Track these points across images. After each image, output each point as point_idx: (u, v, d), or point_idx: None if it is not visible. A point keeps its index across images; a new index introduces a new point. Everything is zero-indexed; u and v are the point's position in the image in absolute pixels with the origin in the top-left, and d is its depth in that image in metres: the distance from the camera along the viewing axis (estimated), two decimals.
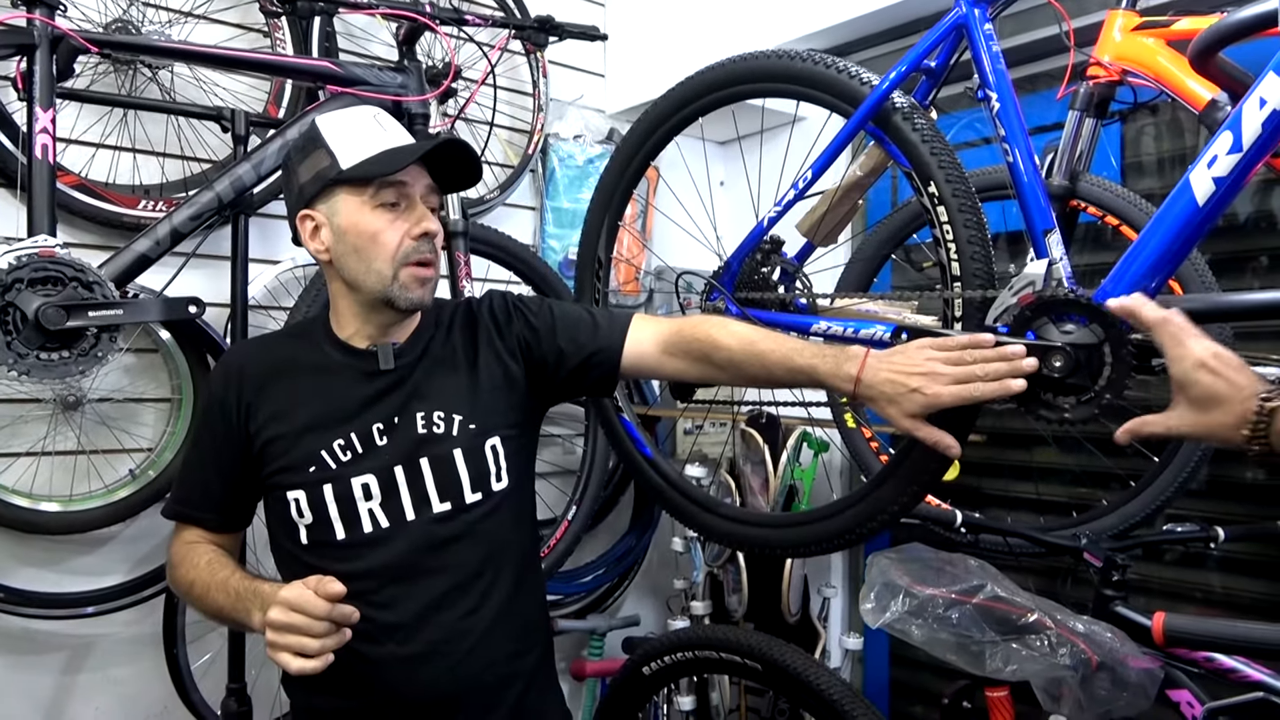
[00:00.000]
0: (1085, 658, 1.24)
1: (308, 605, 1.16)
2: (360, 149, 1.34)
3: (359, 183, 1.34)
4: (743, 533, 1.65)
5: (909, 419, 1.21)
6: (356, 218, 1.35)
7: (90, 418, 2.14)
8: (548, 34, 2.23)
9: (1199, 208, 1.16)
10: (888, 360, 1.23)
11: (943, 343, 1.23)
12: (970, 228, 1.37)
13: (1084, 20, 1.96)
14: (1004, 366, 1.18)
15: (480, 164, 1.45)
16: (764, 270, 1.66)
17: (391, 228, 1.35)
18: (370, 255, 1.35)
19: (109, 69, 2.14)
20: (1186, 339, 1.07)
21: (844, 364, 1.26)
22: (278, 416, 1.39)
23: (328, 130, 1.37)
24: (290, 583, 1.21)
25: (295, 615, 1.17)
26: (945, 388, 1.18)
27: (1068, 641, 1.25)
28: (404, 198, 1.36)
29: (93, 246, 2.08)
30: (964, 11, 1.41)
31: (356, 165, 1.34)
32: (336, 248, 1.37)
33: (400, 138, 1.39)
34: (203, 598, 1.37)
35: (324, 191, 1.36)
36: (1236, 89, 1.55)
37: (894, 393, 1.21)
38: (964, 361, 1.19)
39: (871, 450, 2.17)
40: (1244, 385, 1.03)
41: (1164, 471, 1.88)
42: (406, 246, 1.35)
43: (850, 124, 1.46)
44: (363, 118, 1.40)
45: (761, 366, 1.35)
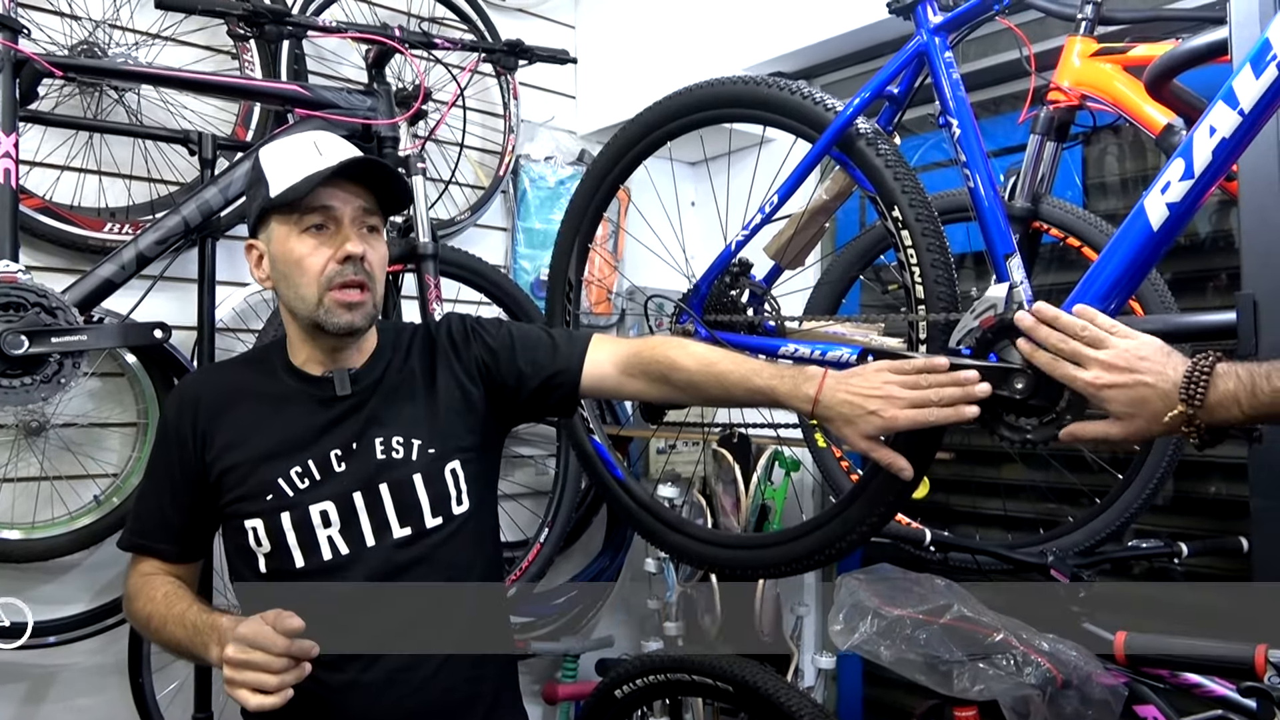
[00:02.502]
0: (1051, 675, 1.25)
1: (265, 641, 1.16)
2: (289, 175, 1.33)
3: (286, 209, 1.34)
4: (714, 554, 1.65)
5: (865, 440, 1.23)
6: (285, 243, 1.35)
7: (54, 443, 2.10)
8: (517, 58, 2.24)
9: (1153, 232, 1.18)
10: (845, 382, 1.25)
11: (899, 365, 1.25)
12: (933, 251, 1.38)
13: (1044, 45, 1.99)
14: (957, 392, 1.20)
15: (401, 180, 1.42)
16: (732, 293, 1.68)
17: (315, 253, 1.34)
18: (296, 281, 1.35)
19: (74, 91, 2.12)
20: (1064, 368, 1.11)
21: (802, 385, 1.28)
22: (234, 445, 1.38)
23: (266, 159, 1.38)
24: (248, 618, 1.20)
25: (253, 652, 1.16)
26: (901, 410, 1.19)
27: (1033, 660, 1.26)
28: (331, 221, 1.34)
29: (58, 270, 2.05)
30: (924, 40, 1.44)
31: (281, 192, 1.33)
32: (274, 275, 1.38)
33: (335, 161, 1.35)
34: (160, 631, 1.35)
35: (260, 220, 1.38)
36: (1191, 114, 1.59)
37: (851, 414, 1.23)
38: (919, 385, 1.21)
39: (842, 470, 2.19)
40: (1157, 383, 1.04)
41: (1128, 488, 1.90)
42: (330, 270, 1.33)
43: (815, 149, 1.47)
44: (300, 144, 1.38)
45: (720, 387, 1.36)
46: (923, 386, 1.21)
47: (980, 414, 1.24)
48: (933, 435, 1.32)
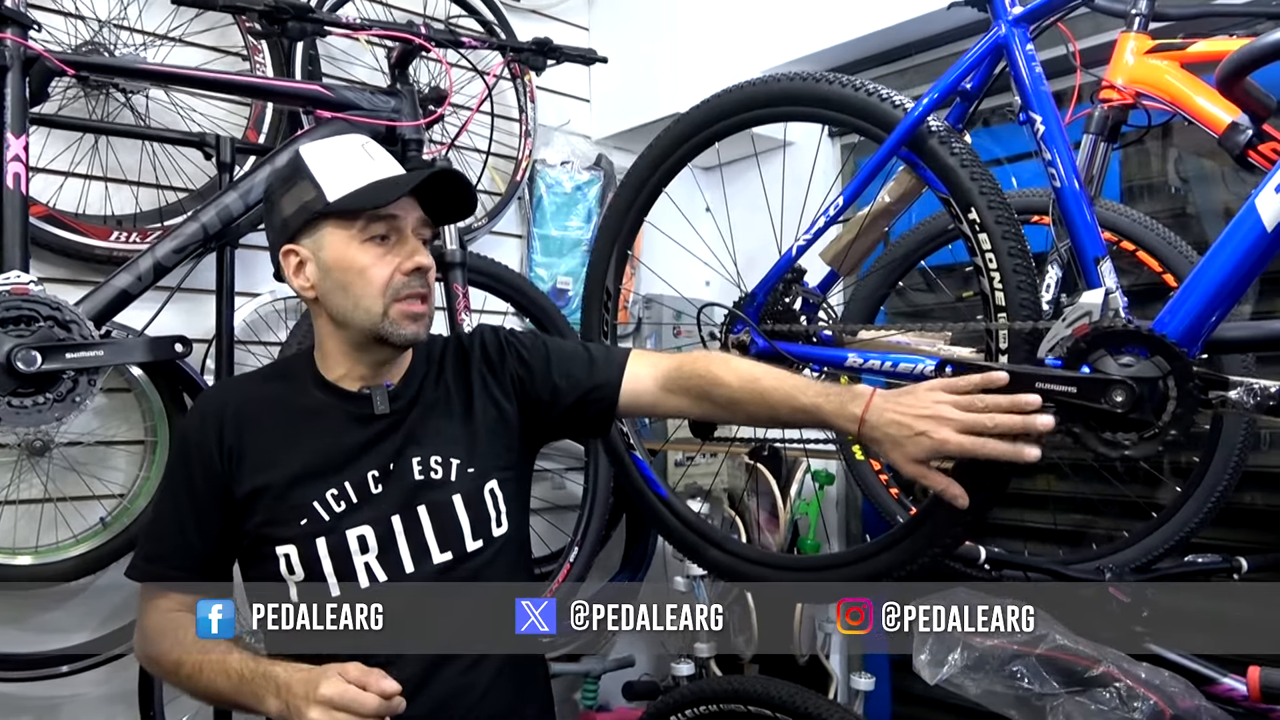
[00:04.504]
0: (1159, 710, 1.18)
1: (355, 704, 1.09)
2: (347, 180, 1.27)
3: (347, 216, 1.27)
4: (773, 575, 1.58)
5: (914, 464, 1.18)
6: (344, 252, 1.28)
7: (58, 463, 1.99)
8: (545, 57, 2.15)
9: (1267, 232, 1.12)
10: (894, 401, 1.19)
11: (953, 384, 1.19)
12: (1015, 255, 1.32)
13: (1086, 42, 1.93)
14: (1016, 421, 1.13)
15: (475, 195, 1.39)
16: (786, 300, 1.60)
17: (381, 262, 1.28)
18: (358, 291, 1.28)
19: (79, 94, 2.02)
20: None
21: (849, 404, 1.23)
22: (264, 465, 1.30)
23: (312, 160, 1.30)
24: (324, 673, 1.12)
25: (340, 715, 1.09)
26: (952, 434, 1.14)
27: (1139, 694, 1.19)
28: (394, 231, 1.29)
29: (63, 281, 1.95)
30: (1004, 32, 1.37)
31: (344, 197, 1.26)
32: (323, 284, 1.30)
33: (389, 167, 1.33)
34: (194, 679, 1.25)
35: (309, 225, 1.29)
36: (1259, 111, 1.52)
37: (899, 435, 1.17)
38: (975, 407, 1.15)
39: (881, 483, 2.12)
40: None
41: (1188, 500, 1.84)
42: (397, 282, 1.28)
43: (884, 149, 1.41)
44: (350, 146, 1.33)
45: (764, 404, 1.31)
46: (978, 408, 1.14)
47: (1073, 429, 1.17)
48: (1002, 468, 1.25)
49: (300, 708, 1.10)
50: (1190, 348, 1.19)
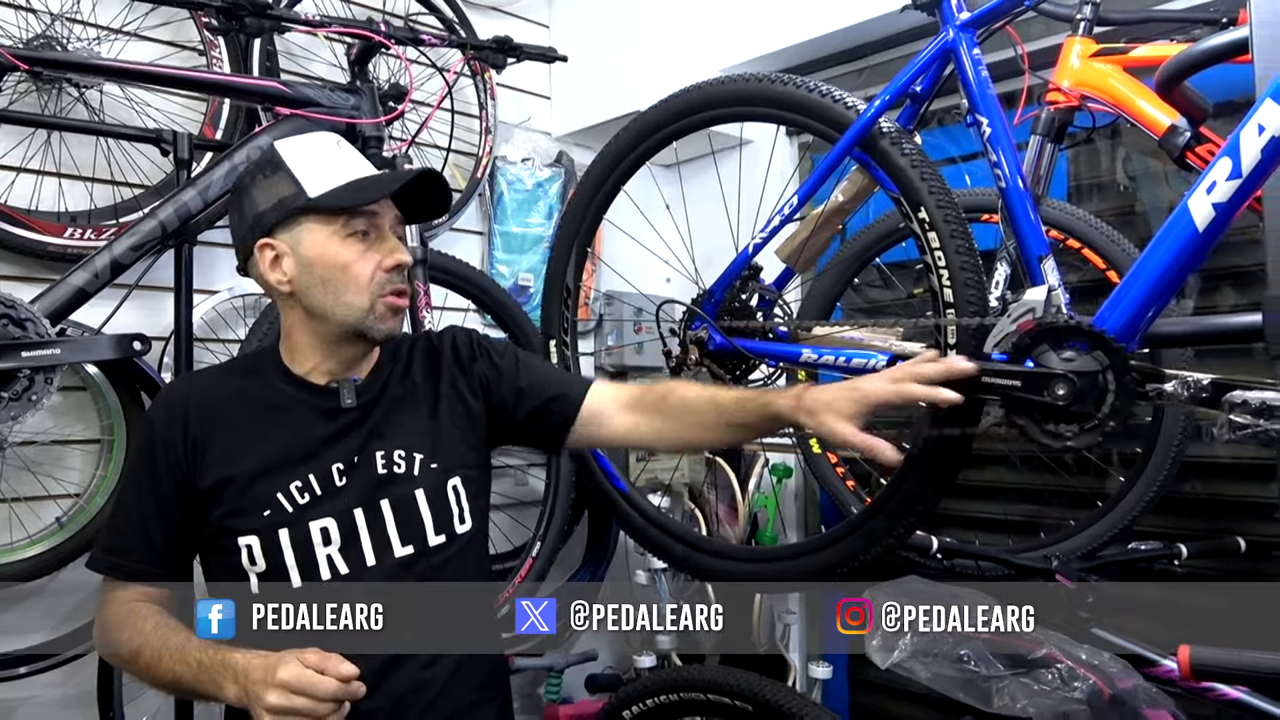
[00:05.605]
0: (1098, 690, 1.22)
1: (313, 688, 1.10)
2: (328, 177, 1.29)
3: (328, 212, 1.29)
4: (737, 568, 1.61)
5: (845, 423, 1.22)
6: (325, 248, 1.29)
7: (12, 463, 1.97)
8: (505, 55, 2.16)
9: (1198, 233, 1.17)
10: (833, 384, 1.28)
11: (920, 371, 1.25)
12: (962, 254, 1.36)
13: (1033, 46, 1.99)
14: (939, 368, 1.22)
15: (450, 196, 1.42)
16: (743, 297, 1.63)
17: (363, 259, 1.30)
18: (340, 287, 1.30)
19: (30, 89, 1.99)
20: None
21: (791, 390, 1.32)
22: (229, 457, 1.30)
23: (290, 155, 1.31)
24: (282, 658, 1.12)
25: (297, 698, 1.09)
26: (875, 385, 1.22)
27: (1079, 674, 1.23)
28: (374, 228, 1.32)
29: (14, 279, 1.93)
30: (952, 37, 1.41)
31: (327, 194, 1.28)
32: (301, 278, 1.30)
33: (362, 165, 1.35)
34: (152, 668, 1.25)
35: (287, 220, 1.29)
36: (1197, 114, 1.58)
37: (830, 398, 1.24)
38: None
39: (838, 475, 2.16)
40: None
41: (1130, 491, 1.90)
42: (380, 278, 1.31)
43: (837, 150, 1.44)
44: (326, 143, 1.35)
45: (714, 407, 1.38)
46: None
47: (1017, 421, 1.21)
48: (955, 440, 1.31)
49: (259, 693, 1.11)
50: (1128, 342, 1.23)
